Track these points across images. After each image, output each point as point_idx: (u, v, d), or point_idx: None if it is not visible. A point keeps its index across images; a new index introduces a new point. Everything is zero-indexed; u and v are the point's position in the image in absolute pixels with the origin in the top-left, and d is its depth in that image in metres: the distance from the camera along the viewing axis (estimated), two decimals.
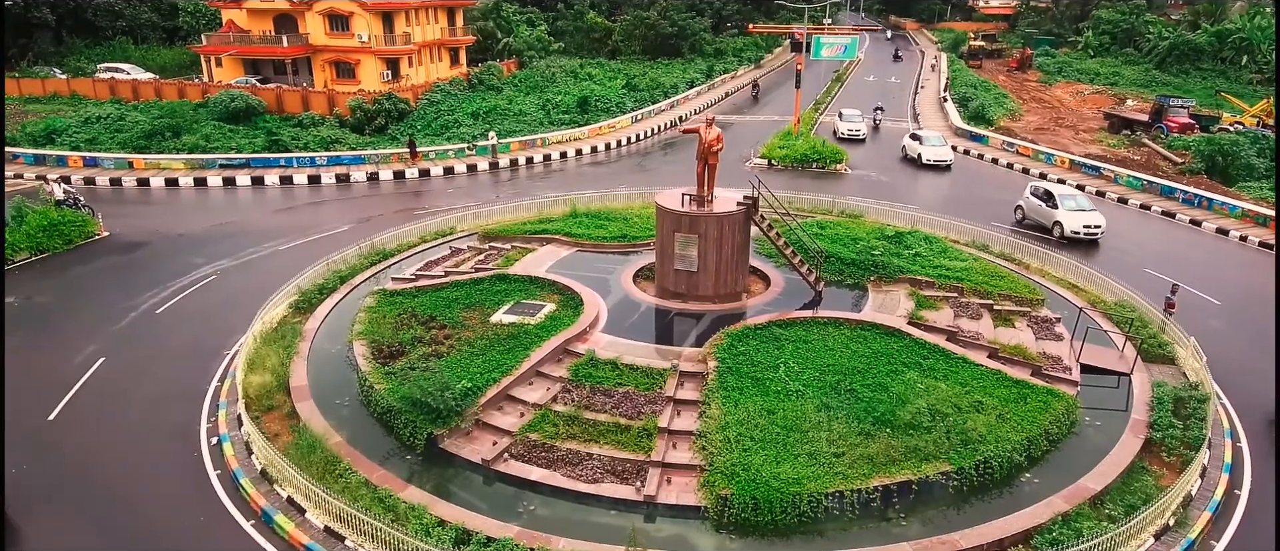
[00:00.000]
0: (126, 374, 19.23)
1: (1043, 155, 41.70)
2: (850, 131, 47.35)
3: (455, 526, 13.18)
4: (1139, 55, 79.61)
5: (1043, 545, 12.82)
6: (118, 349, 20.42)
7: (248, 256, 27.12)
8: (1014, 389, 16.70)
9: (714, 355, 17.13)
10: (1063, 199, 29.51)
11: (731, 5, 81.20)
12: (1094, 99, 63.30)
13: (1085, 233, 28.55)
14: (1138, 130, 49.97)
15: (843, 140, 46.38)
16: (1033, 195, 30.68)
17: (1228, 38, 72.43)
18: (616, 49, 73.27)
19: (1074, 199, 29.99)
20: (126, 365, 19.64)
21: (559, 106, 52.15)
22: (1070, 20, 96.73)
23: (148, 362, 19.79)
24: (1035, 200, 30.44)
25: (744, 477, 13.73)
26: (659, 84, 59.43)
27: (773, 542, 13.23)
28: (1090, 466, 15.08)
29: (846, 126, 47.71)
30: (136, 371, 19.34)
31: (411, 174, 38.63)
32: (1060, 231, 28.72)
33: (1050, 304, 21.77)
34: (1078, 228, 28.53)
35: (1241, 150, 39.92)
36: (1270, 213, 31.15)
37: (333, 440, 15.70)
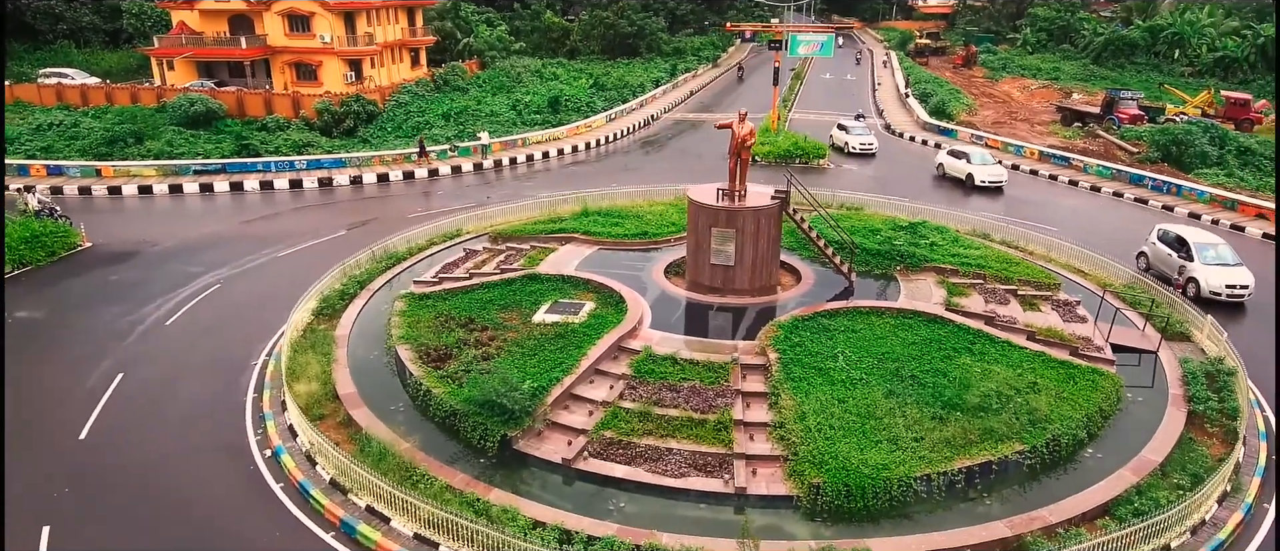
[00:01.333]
0: (151, 389, 18.39)
1: (1013, 147, 43.23)
2: (862, 146, 43.25)
3: (554, 527, 13.03)
4: (1075, 51, 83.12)
5: (1125, 515, 13.35)
6: (134, 364, 19.49)
7: (247, 264, 26.18)
8: (1060, 369, 17.34)
9: (772, 347, 17.30)
10: (1200, 249, 23.82)
11: (685, 5, 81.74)
12: (1041, 93, 65.88)
13: (1228, 294, 22.84)
14: (1090, 122, 52.10)
15: (853, 156, 42.83)
16: (1161, 241, 25.32)
17: (1160, 33, 76.22)
18: (575, 49, 73.02)
19: (1214, 249, 23.97)
20: (148, 380, 18.77)
21: (530, 106, 51.74)
22: (1006, 18, 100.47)
23: (171, 377, 18.94)
24: (1163, 248, 25.04)
25: (834, 465, 13.92)
26: (626, 83, 59.47)
27: (864, 528, 13.44)
28: (1143, 440, 15.78)
29: (858, 140, 43.51)
30: (161, 386, 18.50)
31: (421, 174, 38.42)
32: (1196, 289, 23.10)
33: (1064, 287, 22.61)
34: (1218, 287, 22.88)
35: (1195, 139, 42.02)
36: (1236, 197, 32.99)
37: (400, 446, 15.31)
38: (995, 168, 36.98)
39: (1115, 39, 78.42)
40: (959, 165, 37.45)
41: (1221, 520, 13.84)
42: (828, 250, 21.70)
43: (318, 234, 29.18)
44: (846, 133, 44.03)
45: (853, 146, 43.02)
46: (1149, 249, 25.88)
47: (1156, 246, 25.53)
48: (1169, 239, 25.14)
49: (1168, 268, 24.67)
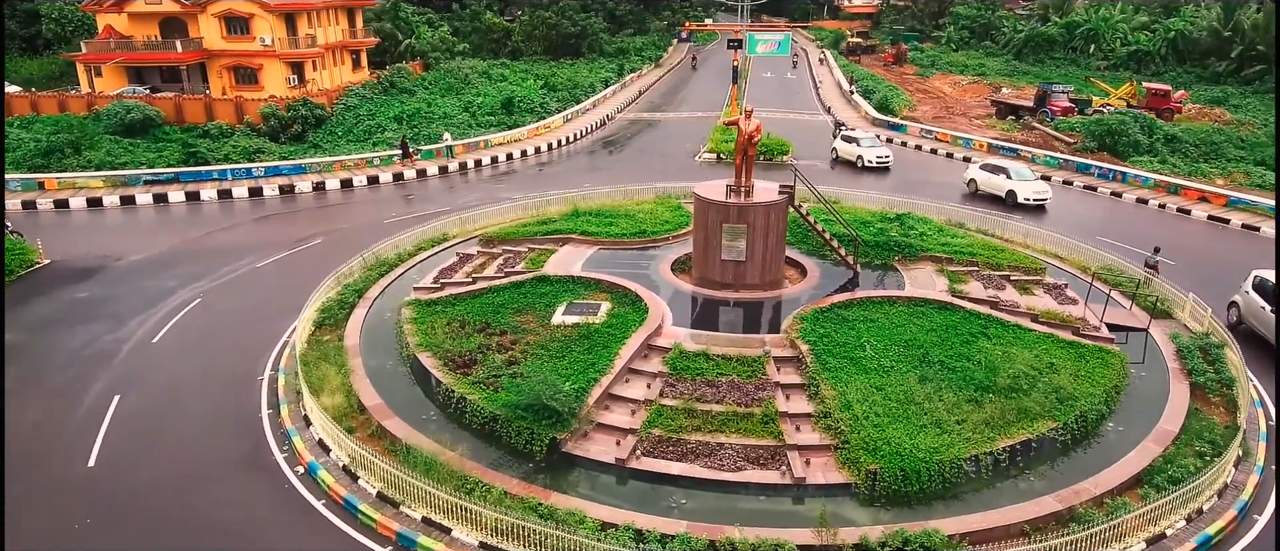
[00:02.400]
0: (154, 410, 17.47)
1: (962, 140, 44.90)
2: (879, 159, 39.51)
3: (626, 527, 12.97)
4: (996, 47, 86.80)
5: (1162, 482, 14.11)
6: (130, 385, 18.46)
7: (226, 276, 25.11)
8: (1069, 349, 18.17)
9: (801, 338, 17.59)
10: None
11: (624, 5, 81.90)
12: (971, 88, 68.53)
13: None
14: (1024, 115, 54.52)
15: (868, 170, 39.08)
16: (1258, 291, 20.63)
17: (1076, 29, 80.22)
18: (518, 49, 72.32)
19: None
20: (149, 401, 17.82)
21: (482, 108, 51.07)
22: (929, 16, 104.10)
23: (172, 396, 18.03)
24: (1257, 300, 20.55)
25: (888, 451, 14.27)
26: (576, 84, 59.26)
27: (921, 511, 13.82)
28: (1155, 411, 16.69)
29: (873, 153, 39.78)
30: (165, 407, 17.59)
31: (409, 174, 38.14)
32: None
33: (1047, 271, 23.66)
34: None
35: (1128, 129, 44.48)
36: (1178, 182, 35.14)
37: (445, 455, 14.97)
38: (1038, 184, 32.85)
39: (1034, 35, 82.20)
40: (996, 181, 33.52)
41: (1241, 483, 14.76)
42: (833, 242, 22.16)
43: (292, 243, 28.17)
44: (856, 145, 40.27)
45: (868, 159, 39.20)
46: (1241, 300, 21.32)
47: (1250, 297, 20.92)
48: (1267, 289, 20.31)
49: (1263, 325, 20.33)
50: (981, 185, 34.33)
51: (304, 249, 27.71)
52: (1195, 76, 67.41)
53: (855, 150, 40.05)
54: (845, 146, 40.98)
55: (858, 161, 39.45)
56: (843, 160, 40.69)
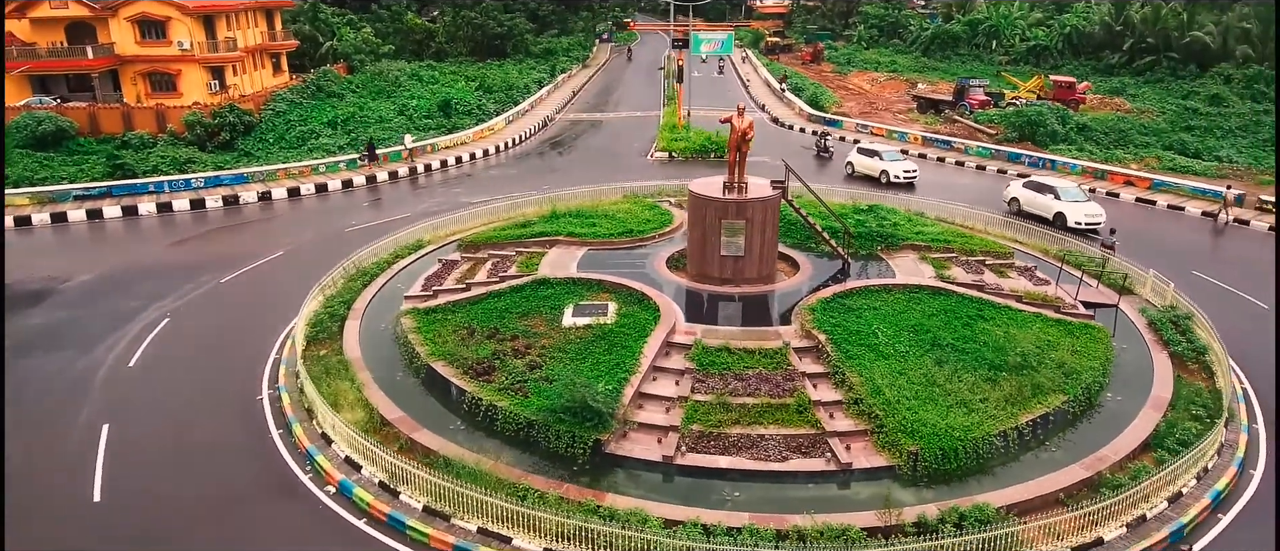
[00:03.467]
0: (150, 438, 16.46)
1: (897, 134, 46.68)
2: (906, 174, 36.32)
3: (692, 523, 13.05)
4: (904, 45, 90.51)
5: (1172, 445, 15.17)
6: (116, 412, 17.32)
7: (190, 294, 23.80)
8: (1058, 327, 19.26)
9: (817, 328, 18.03)
10: None
11: (547, 6, 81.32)
12: (888, 84, 71.21)
13: None
14: (944, 109, 57.06)
15: (894, 186, 35.40)
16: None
17: (979, 26, 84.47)
18: (442, 50, 70.86)
19: None
20: (142, 428, 16.77)
21: (418, 111, 49.90)
22: (838, 16, 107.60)
23: (166, 422, 17.01)
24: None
25: (926, 432, 14.83)
26: (511, 85, 58.58)
27: (958, 487, 14.39)
28: (1144, 380, 17.92)
29: (900, 168, 36.48)
30: (160, 433, 16.60)
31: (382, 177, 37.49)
32: None
33: (1015, 255, 24.97)
34: None
35: (1046, 119, 47.22)
36: (1105, 168, 37.58)
37: (486, 464, 14.68)
38: (1090, 204, 29.30)
39: (940, 33, 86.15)
40: (1042, 201, 30.04)
41: (1233, 441, 16.02)
42: (824, 235, 22.79)
43: (254, 256, 26.89)
44: (878, 159, 37.16)
45: (895, 175, 36.01)
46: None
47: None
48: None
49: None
50: (1025, 204, 30.87)
51: (268, 262, 26.51)
52: (1090, 68, 71.85)
53: (876, 165, 37.04)
54: (865, 160, 37.79)
55: (882, 177, 36.28)
56: (861, 175, 37.32)
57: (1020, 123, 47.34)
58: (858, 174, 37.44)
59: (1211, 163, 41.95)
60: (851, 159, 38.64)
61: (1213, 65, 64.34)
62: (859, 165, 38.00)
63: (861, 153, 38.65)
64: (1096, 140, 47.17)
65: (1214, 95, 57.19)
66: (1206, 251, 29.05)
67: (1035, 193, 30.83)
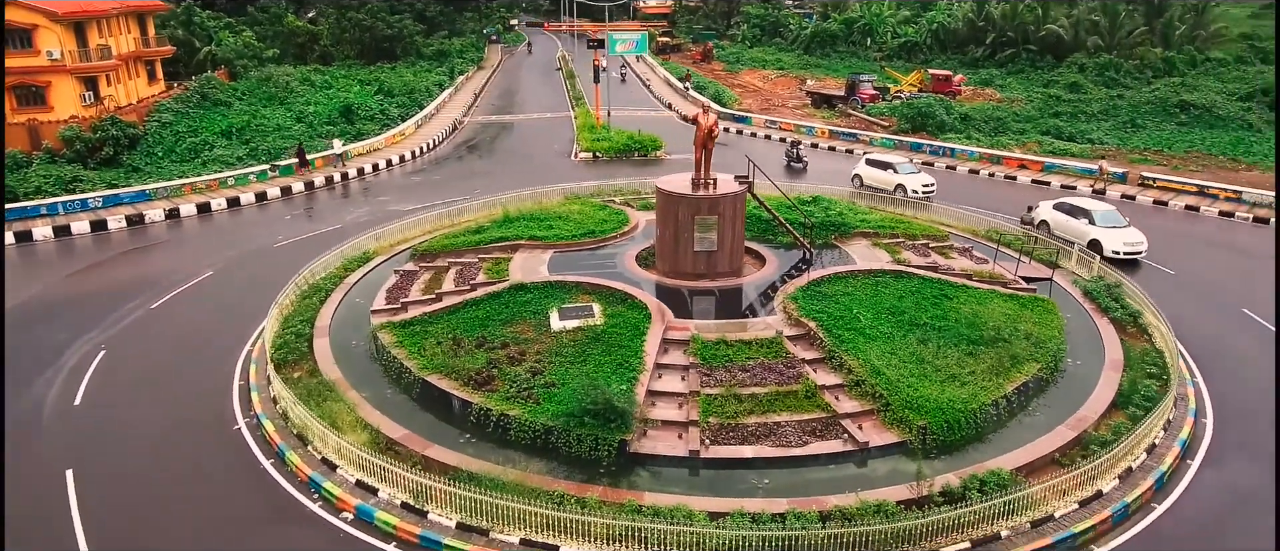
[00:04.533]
0: (123, 479, 15.16)
1: (805, 129, 48.47)
2: (925, 188, 33.50)
3: (737, 513, 13.28)
4: (786, 43, 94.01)
5: (1139, 401, 16.66)
6: (77, 455, 15.83)
7: (121, 322, 21.99)
8: (1012, 301, 20.70)
9: (805, 316, 18.64)
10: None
11: (434, 6, 79.16)
12: (779, 81, 73.80)
13: None
14: (837, 103, 59.72)
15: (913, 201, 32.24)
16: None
17: (854, 24, 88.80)
18: (327, 53, 67.85)
19: None
20: (110, 469, 15.43)
21: (318, 117, 47.72)
22: (720, 16, 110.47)
23: (137, 462, 15.72)
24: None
25: (930, 407, 15.67)
26: (412, 89, 56.87)
27: (961, 456, 15.26)
28: (1094, 345, 19.55)
29: (919, 182, 33.72)
30: (134, 474, 15.32)
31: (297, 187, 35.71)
32: None
33: (950, 237, 26.57)
34: None
35: (935, 111, 50.31)
36: (1000, 154, 40.41)
37: (509, 474, 14.41)
38: (1130, 231, 26.18)
39: (819, 31, 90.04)
40: (1074, 227, 26.87)
41: (1184, 394, 17.75)
42: (788, 226, 23.54)
43: (180, 278, 25.07)
44: (893, 171, 34.44)
45: (912, 189, 33.12)
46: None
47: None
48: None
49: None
50: (1056, 227, 27.83)
51: (198, 284, 24.77)
52: (957, 62, 76.73)
53: (891, 178, 34.08)
54: (876, 173, 34.94)
55: (897, 192, 33.14)
56: (872, 189, 34.00)
57: (912, 114, 50.26)
58: (867, 187, 34.37)
59: (1085, 144, 45.91)
60: (859, 171, 35.69)
61: (1067, 56, 70.03)
62: (868, 178, 34.95)
63: (872, 164, 35.57)
64: (979, 128, 50.65)
65: (1073, 83, 62.29)
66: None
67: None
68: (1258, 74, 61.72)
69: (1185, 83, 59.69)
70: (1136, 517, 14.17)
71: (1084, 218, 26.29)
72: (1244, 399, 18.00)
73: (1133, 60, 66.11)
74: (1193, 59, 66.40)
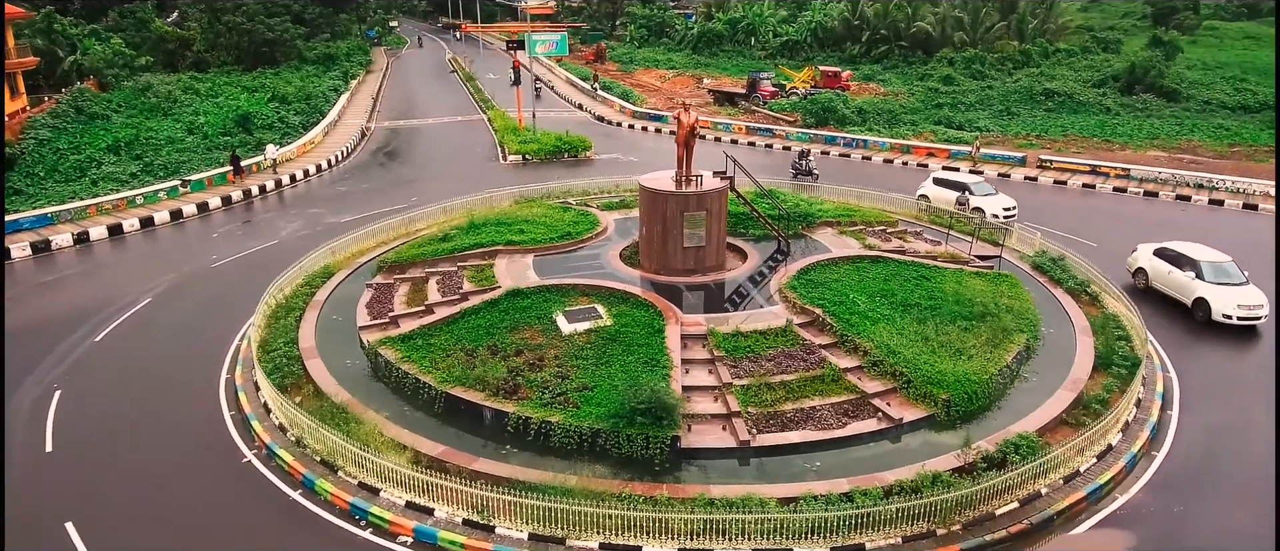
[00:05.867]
0: (137, 525, 13.94)
1: (722, 126, 49.59)
2: (1006, 212, 29.89)
3: (805, 497, 13.67)
4: (673, 43, 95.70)
5: (1119, 361, 18.27)
6: (75, 506, 14.36)
7: (66, 360, 20.04)
8: (980, 278, 22.15)
9: (810, 303, 19.28)
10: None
11: (312, 8, 75.29)
12: (677, 80, 75.07)
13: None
14: (739, 101, 61.41)
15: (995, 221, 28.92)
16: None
17: (738, 24, 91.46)
18: (201, 60, 63.43)
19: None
20: (116, 520, 14.11)
21: (213, 128, 44.63)
22: (605, 17, 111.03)
23: (145, 506, 14.44)
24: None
25: (950, 381, 16.60)
26: (309, 95, 54.06)
27: (982, 424, 16.25)
28: (1059, 314, 21.22)
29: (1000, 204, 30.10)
30: (148, 519, 14.10)
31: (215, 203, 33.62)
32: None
33: (898, 223, 28.04)
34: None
35: (836, 105, 52.67)
36: (909, 143, 42.85)
37: (571, 480, 14.23)
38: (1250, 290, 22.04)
39: (705, 31, 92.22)
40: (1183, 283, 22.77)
41: (1148, 353, 19.56)
42: (766, 218, 24.18)
43: (116, 307, 23.02)
44: (967, 193, 30.49)
45: (993, 213, 29.36)
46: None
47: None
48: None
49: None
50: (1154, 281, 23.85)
51: (138, 312, 22.81)
52: (836, 58, 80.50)
53: (969, 200, 30.26)
54: (944, 193, 30.98)
55: (968, 211, 29.38)
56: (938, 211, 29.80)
57: (815, 109, 52.42)
58: (934, 210, 30.15)
59: (974, 132, 49.37)
60: (926, 191, 31.40)
61: (937, 51, 74.85)
62: (937, 199, 30.67)
63: (941, 184, 31.37)
64: (873, 121, 53.38)
65: (946, 76, 66.71)
66: (1024, 208, 34.50)
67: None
68: (1104, 62, 68.40)
69: (1043, 73, 65.17)
70: (1142, 465, 15.60)
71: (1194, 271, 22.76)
72: (1196, 349, 20.00)
73: (995, 53, 71.37)
74: (1045, 50, 72.34)
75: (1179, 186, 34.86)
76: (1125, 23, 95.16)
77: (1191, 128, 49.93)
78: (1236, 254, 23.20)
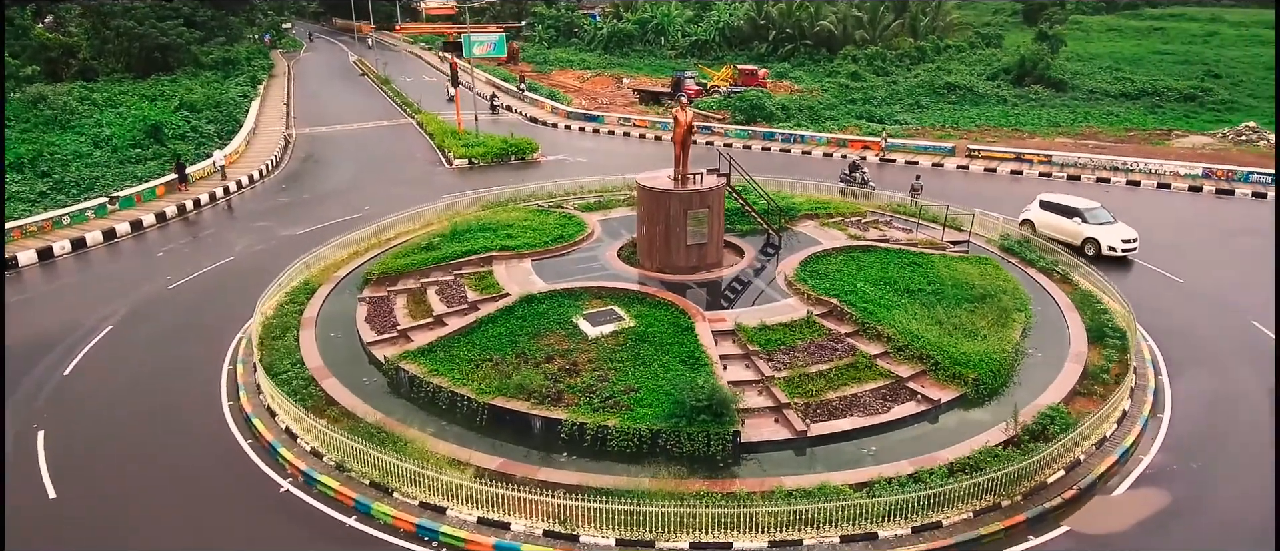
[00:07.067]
0: None
1: (660, 125, 49.86)
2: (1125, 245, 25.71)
3: (872, 482, 14.07)
4: (583, 43, 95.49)
5: (1111, 332, 19.57)
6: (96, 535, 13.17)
7: (38, 396, 18.22)
8: (965, 263, 23.25)
9: (826, 293, 19.76)
10: None
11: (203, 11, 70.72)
12: (596, 80, 74.92)
13: None
14: (664, 100, 61.89)
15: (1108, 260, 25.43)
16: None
17: (648, 24, 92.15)
18: (89, 68, 58.71)
19: None
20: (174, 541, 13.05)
21: (122, 140, 41.52)
22: (510, 18, 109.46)
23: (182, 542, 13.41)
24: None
25: (975, 361, 17.38)
26: (218, 102, 50.95)
27: (1008, 399, 17.12)
28: (1041, 294, 22.47)
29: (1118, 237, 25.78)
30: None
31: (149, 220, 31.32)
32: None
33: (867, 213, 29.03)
34: None
35: (764, 102, 53.91)
36: (844, 137, 44.35)
37: (646, 482, 14.13)
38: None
39: (616, 31, 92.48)
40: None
41: (1132, 324, 21.05)
42: (757, 214, 24.56)
43: (79, 336, 21.15)
44: (1079, 221, 26.43)
45: (1108, 246, 25.67)
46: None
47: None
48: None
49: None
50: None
51: (102, 340, 20.99)
52: (745, 57, 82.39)
53: (1077, 229, 26.37)
54: (1055, 221, 27.19)
55: (1086, 247, 25.97)
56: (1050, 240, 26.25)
57: (746, 106, 53.53)
58: (1042, 237, 26.76)
59: (894, 125, 51.62)
60: (1031, 217, 28.10)
61: (840, 48, 77.72)
62: (1043, 225, 27.48)
63: (1047, 208, 27.74)
64: (794, 116, 54.87)
65: (853, 73, 69.40)
66: (956, 194, 36.24)
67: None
68: (991, 56, 72.81)
69: (939, 67, 68.78)
70: (1151, 427, 16.81)
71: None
72: (1167, 318, 21.61)
73: (894, 50, 74.77)
74: (937, 46, 76.26)
75: (1098, 170, 37.60)
76: (998, 19, 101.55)
77: (1085, 115, 53.85)
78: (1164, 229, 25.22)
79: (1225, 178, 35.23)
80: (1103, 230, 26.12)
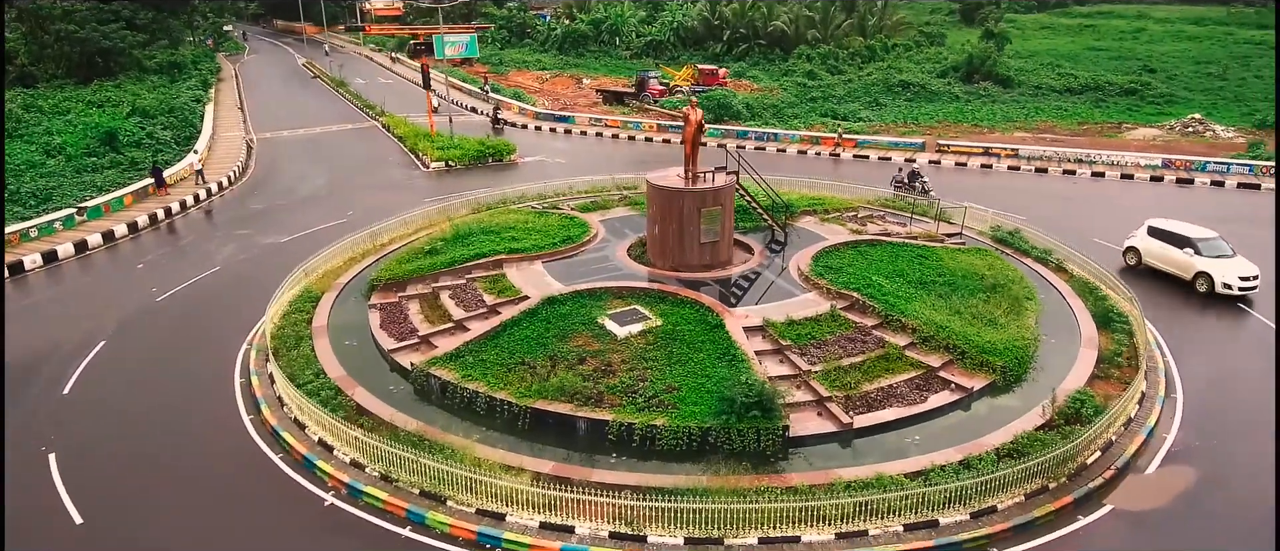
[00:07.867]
0: None
1: (632, 124, 49.82)
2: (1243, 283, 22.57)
3: (930, 469, 14.32)
4: (537, 44, 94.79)
5: (1118, 318, 20.27)
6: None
7: (39, 415, 17.24)
8: (968, 254, 23.81)
9: (844, 288, 20.01)
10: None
11: (143, 14, 67.74)
12: (555, 81, 74.39)
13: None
14: (628, 100, 61.85)
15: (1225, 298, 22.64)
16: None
17: (602, 25, 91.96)
18: (28, 74, 55.87)
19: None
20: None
21: (75, 149, 39.60)
22: (459, 18, 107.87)
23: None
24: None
25: (1001, 349, 17.81)
26: (171, 107, 49.02)
27: (1033, 385, 17.57)
28: (1041, 282, 23.13)
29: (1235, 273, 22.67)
30: None
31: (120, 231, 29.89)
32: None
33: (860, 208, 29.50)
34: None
35: (731, 102, 54.31)
36: (816, 135, 44.97)
37: (708, 480, 14.12)
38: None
39: (570, 32, 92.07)
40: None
41: (1131, 311, 21.83)
42: (763, 211, 24.70)
43: (71, 351, 20.14)
44: (1194, 253, 23.41)
45: (1224, 282, 22.63)
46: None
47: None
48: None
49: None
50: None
51: (98, 356, 20.01)
52: (701, 57, 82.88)
53: (1190, 262, 23.45)
54: (1165, 251, 24.24)
55: (1197, 282, 23.18)
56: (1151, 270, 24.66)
57: (714, 105, 53.82)
58: (1144, 267, 24.85)
59: (858, 122, 52.59)
60: (1135, 244, 25.20)
61: (793, 48, 78.79)
62: (1150, 255, 24.72)
63: (1156, 235, 24.67)
64: (759, 115, 55.36)
65: (809, 71, 70.45)
66: (959, 191, 37.02)
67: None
68: (937, 54, 74.73)
69: (889, 65, 70.32)
70: (1168, 408, 17.47)
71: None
72: (1165, 305, 22.45)
73: (845, 49, 76.12)
74: (885, 45, 77.93)
75: (1063, 162, 38.92)
76: (936, 18, 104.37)
77: (1035, 110, 55.66)
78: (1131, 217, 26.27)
79: (1184, 168, 36.85)
80: (1218, 264, 22.95)
